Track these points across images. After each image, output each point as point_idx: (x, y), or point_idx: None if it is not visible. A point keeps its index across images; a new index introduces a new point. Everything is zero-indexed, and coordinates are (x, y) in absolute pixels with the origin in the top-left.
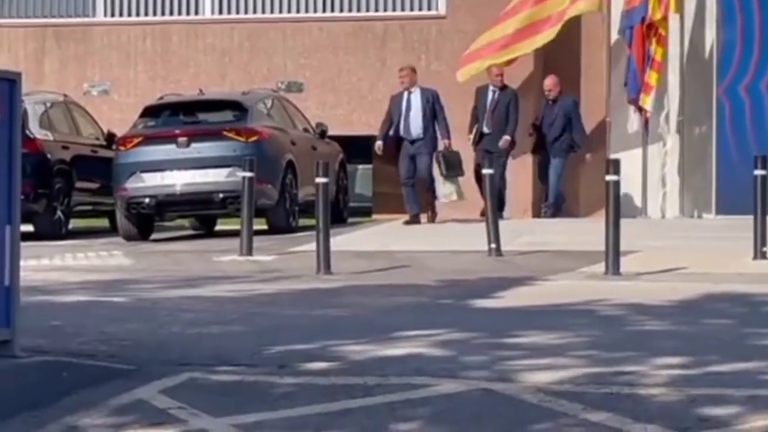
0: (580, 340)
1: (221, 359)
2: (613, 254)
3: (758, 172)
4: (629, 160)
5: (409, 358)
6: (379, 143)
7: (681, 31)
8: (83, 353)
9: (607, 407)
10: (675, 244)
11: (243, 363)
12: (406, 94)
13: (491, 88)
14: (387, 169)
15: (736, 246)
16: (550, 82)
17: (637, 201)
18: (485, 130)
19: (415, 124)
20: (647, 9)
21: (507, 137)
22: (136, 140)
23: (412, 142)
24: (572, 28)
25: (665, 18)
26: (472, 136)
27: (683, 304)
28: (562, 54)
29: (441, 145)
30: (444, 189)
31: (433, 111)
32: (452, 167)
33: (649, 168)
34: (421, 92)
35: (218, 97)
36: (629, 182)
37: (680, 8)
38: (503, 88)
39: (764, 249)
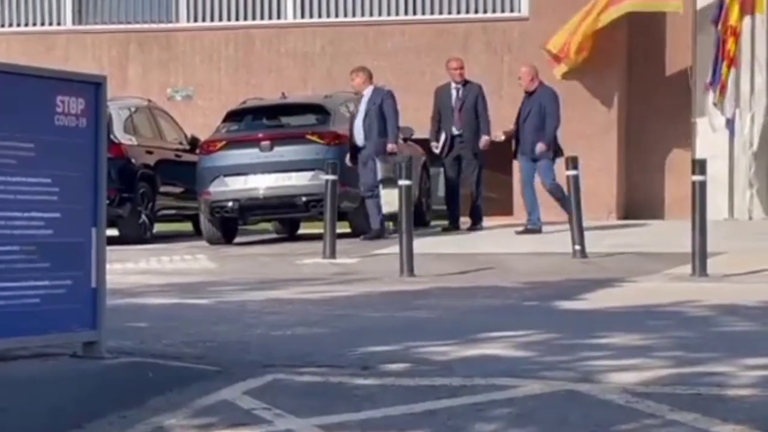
0: (666, 341)
1: (305, 361)
2: (699, 255)
3: None
4: (715, 161)
5: (494, 359)
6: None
7: (767, 31)
8: (168, 355)
9: (695, 408)
10: (762, 245)
11: (327, 364)
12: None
13: (453, 85)
14: None
15: None
16: (523, 71)
17: (724, 202)
18: (455, 131)
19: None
20: (727, 6)
21: (486, 137)
22: (219, 144)
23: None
24: (657, 28)
25: (741, 18)
26: (440, 144)
27: None
28: (646, 55)
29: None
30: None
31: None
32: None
33: (736, 169)
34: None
35: (301, 101)
36: (715, 183)
37: (762, 9)
38: (465, 83)
39: None
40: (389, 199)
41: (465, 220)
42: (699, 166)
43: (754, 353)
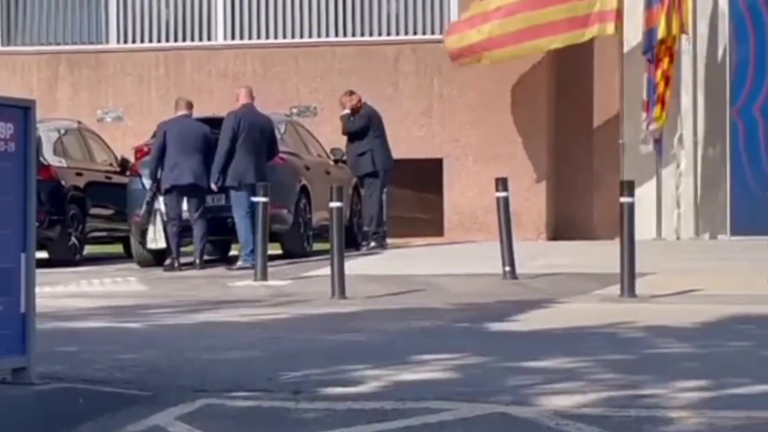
0: (597, 363)
1: (237, 385)
2: (628, 276)
3: None
4: (643, 182)
5: (426, 382)
6: None
7: (693, 51)
8: (99, 380)
9: (626, 431)
10: (690, 265)
11: (259, 389)
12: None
13: (350, 117)
14: (400, 193)
15: (752, 267)
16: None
17: (651, 222)
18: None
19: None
20: (657, 28)
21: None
22: None
23: None
24: (585, 50)
25: (675, 37)
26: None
27: (700, 326)
28: (575, 75)
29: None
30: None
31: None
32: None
33: (664, 189)
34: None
35: None
36: (643, 204)
37: (688, 29)
38: (356, 111)
39: None
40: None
41: (403, 242)
42: (627, 188)
43: (686, 375)
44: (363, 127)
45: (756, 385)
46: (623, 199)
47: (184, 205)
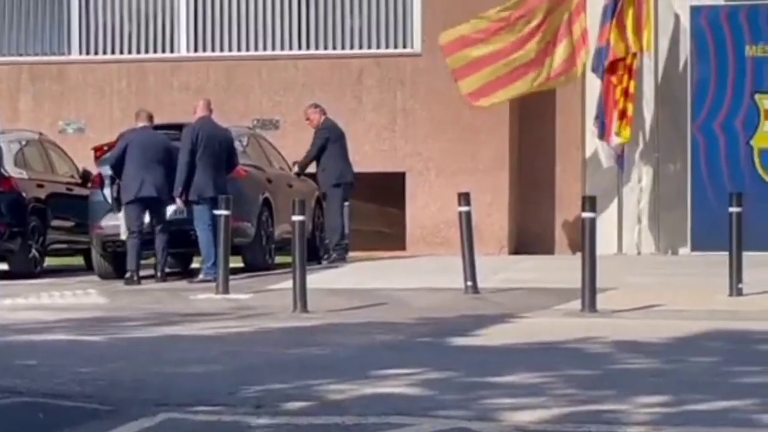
0: (559, 378)
1: (199, 399)
2: (589, 291)
3: (733, 209)
4: (605, 197)
5: (388, 397)
6: None
7: (655, 68)
8: (60, 394)
9: None
10: (651, 280)
11: (220, 403)
12: None
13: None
14: (363, 207)
15: (712, 282)
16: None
17: (613, 237)
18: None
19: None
20: (611, 46)
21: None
22: None
23: None
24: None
25: (635, 54)
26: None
27: (662, 342)
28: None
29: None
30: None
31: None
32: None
33: (625, 204)
34: None
35: None
36: (605, 219)
37: (642, 46)
38: (317, 128)
39: (740, 285)
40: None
41: (362, 255)
42: (589, 203)
43: (647, 391)
44: (322, 145)
45: (717, 402)
46: (585, 215)
47: (146, 218)
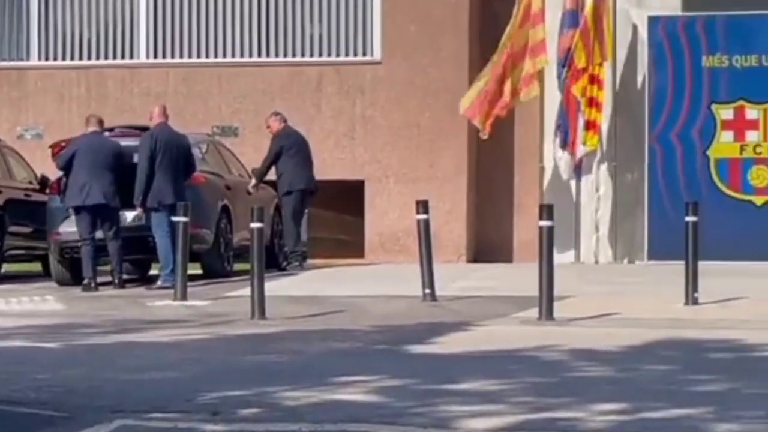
0: (516, 386)
1: (155, 406)
2: (546, 299)
3: (689, 218)
4: (562, 206)
5: (344, 404)
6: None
7: (613, 77)
8: (15, 400)
9: None
10: (608, 289)
11: (176, 410)
12: None
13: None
14: (322, 214)
15: (668, 291)
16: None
17: (571, 246)
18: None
19: None
20: (571, 55)
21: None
22: None
23: None
24: None
25: (600, 64)
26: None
27: (619, 350)
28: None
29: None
30: None
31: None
32: None
33: (582, 213)
34: None
35: None
36: (562, 227)
37: (605, 55)
38: (273, 136)
39: (696, 294)
40: None
41: (321, 262)
42: (546, 211)
43: (603, 399)
44: (276, 153)
45: (672, 410)
46: (542, 223)
47: (99, 224)
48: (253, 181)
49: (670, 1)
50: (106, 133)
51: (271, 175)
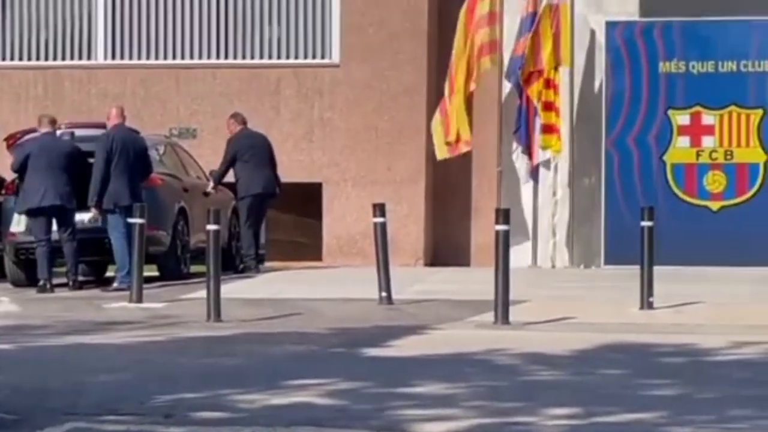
0: (471, 389)
1: (107, 408)
2: (502, 304)
3: (645, 223)
4: (520, 210)
5: (299, 407)
6: None
7: (571, 82)
8: None
9: None
10: (564, 293)
11: (129, 412)
12: None
13: None
14: (280, 217)
15: (624, 296)
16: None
17: (527, 250)
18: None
19: None
20: (525, 58)
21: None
22: None
23: None
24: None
25: (556, 68)
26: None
27: (574, 354)
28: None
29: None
30: None
31: None
32: None
33: (539, 218)
34: None
35: None
36: (519, 231)
37: (560, 60)
38: (228, 140)
39: (651, 299)
40: None
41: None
42: (503, 216)
43: (557, 403)
44: (231, 156)
45: (625, 414)
46: (499, 227)
47: (55, 226)
48: (211, 183)
49: (628, 7)
50: (62, 128)
51: (230, 177)
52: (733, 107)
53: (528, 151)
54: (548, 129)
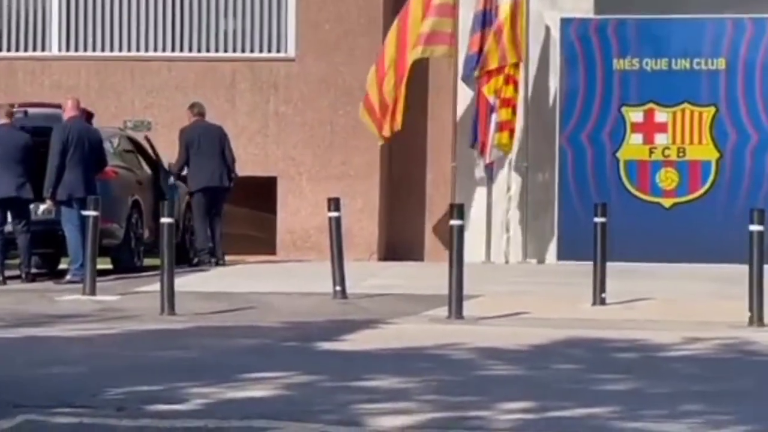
0: (425, 384)
1: (60, 401)
2: (456, 298)
3: (598, 219)
4: (474, 205)
5: (253, 400)
6: None
7: (525, 78)
8: None
9: None
10: (517, 288)
11: (82, 405)
12: None
13: None
14: (235, 211)
15: (577, 291)
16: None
17: (481, 245)
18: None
19: None
20: (484, 55)
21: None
22: None
23: None
24: (420, 73)
25: (516, 65)
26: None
27: (527, 349)
28: (410, 98)
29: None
30: None
31: None
32: None
33: (493, 213)
34: None
35: None
36: (474, 226)
37: (520, 56)
38: (180, 131)
39: (603, 295)
40: None
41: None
42: (457, 211)
43: (511, 397)
44: (185, 148)
45: (578, 409)
46: (453, 222)
47: (9, 217)
48: (171, 178)
49: (582, 4)
50: (15, 107)
51: (179, 171)
52: (686, 105)
53: (480, 148)
54: (503, 126)
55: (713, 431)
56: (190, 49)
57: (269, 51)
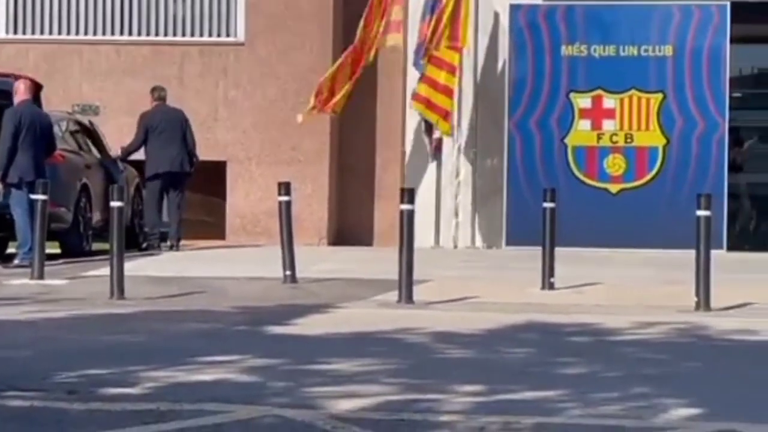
0: (376, 367)
1: (9, 384)
2: (405, 283)
3: (547, 204)
4: (424, 190)
5: (204, 384)
6: None
7: (474, 65)
8: None
9: None
10: (466, 273)
11: (32, 388)
12: None
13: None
14: (187, 195)
15: (526, 276)
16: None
17: (430, 230)
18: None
19: None
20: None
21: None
22: None
23: None
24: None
25: (454, 48)
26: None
27: (477, 333)
28: (359, 82)
29: None
30: None
31: None
32: None
33: (443, 198)
34: None
35: None
36: (423, 211)
37: (462, 42)
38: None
39: (552, 280)
40: None
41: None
42: (407, 195)
43: (461, 380)
44: (143, 133)
45: (529, 392)
46: (403, 207)
47: None
48: (119, 162)
49: None
50: None
51: (139, 155)
52: (633, 91)
53: (428, 130)
54: (442, 112)
55: (662, 414)
56: (139, 33)
57: (218, 35)
